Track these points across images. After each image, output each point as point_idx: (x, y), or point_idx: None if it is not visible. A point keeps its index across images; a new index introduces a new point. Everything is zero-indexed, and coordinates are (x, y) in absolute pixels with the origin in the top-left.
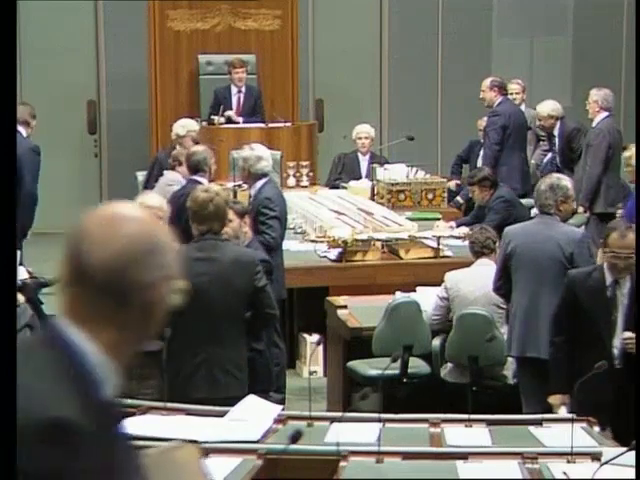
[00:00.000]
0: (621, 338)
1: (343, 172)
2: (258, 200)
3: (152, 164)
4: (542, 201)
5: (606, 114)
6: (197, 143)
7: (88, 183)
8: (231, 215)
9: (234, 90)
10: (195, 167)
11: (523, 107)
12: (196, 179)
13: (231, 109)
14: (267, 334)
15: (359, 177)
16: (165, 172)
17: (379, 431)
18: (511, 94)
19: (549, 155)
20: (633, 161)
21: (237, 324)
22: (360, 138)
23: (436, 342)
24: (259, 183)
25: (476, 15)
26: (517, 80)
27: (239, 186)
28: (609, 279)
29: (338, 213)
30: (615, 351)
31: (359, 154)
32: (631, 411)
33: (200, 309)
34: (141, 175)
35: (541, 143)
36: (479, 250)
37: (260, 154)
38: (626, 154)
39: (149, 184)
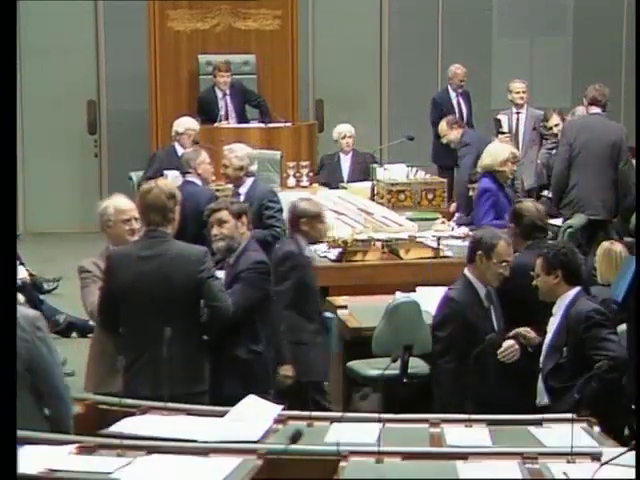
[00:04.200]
0: (499, 352)
1: (322, 173)
2: (259, 196)
3: (150, 161)
4: None
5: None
6: (197, 143)
7: (88, 183)
8: (226, 216)
9: (219, 94)
10: (182, 169)
11: (525, 107)
12: (189, 180)
13: (220, 113)
14: (266, 334)
15: (340, 180)
16: (166, 172)
17: (379, 431)
18: (517, 93)
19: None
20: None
21: (184, 321)
22: (344, 137)
23: None
24: (249, 181)
25: (476, 15)
26: (521, 79)
27: None
28: (482, 290)
29: (338, 213)
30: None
31: (341, 154)
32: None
33: (144, 308)
34: (135, 175)
35: (544, 142)
36: None
37: (251, 154)
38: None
39: None
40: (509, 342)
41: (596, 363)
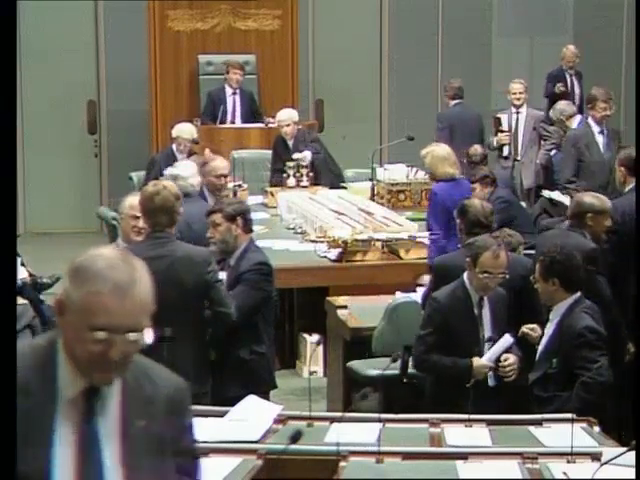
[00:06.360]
0: (501, 363)
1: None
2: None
3: (149, 165)
4: None
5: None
6: (197, 143)
7: (88, 183)
8: (219, 219)
9: (229, 91)
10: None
11: (525, 107)
12: None
13: (226, 110)
14: (268, 335)
15: (289, 158)
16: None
17: (379, 431)
18: (514, 94)
19: (554, 152)
20: None
21: (190, 321)
22: (282, 127)
23: None
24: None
25: (476, 15)
26: (520, 80)
27: (239, 186)
28: (475, 297)
29: (338, 213)
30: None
31: (288, 141)
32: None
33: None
34: (136, 176)
35: (543, 142)
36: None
37: (185, 175)
38: None
39: None
40: (511, 359)
41: (582, 381)
